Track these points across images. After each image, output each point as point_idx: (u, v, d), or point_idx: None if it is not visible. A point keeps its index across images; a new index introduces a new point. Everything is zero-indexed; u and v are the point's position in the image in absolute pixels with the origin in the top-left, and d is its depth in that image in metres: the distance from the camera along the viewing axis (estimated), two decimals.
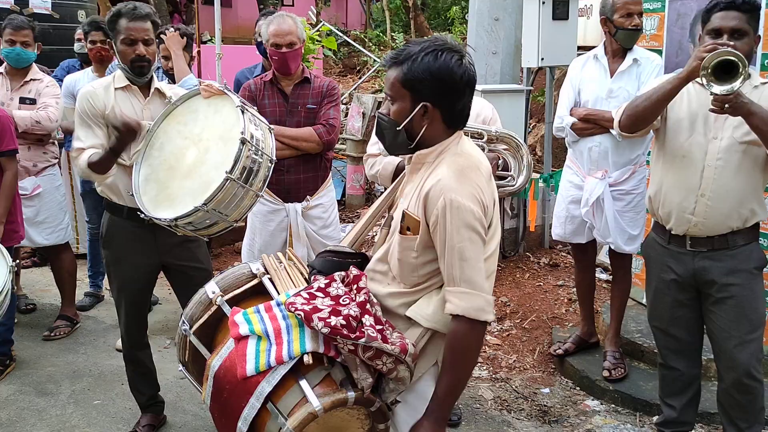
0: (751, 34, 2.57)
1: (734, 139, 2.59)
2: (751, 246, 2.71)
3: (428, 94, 1.85)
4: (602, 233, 3.62)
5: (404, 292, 1.94)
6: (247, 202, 2.70)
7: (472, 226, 1.81)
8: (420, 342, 1.90)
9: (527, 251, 5.40)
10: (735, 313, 2.69)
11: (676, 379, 2.96)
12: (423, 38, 1.94)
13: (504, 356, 4.17)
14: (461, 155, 1.90)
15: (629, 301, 4.24)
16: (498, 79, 5.31)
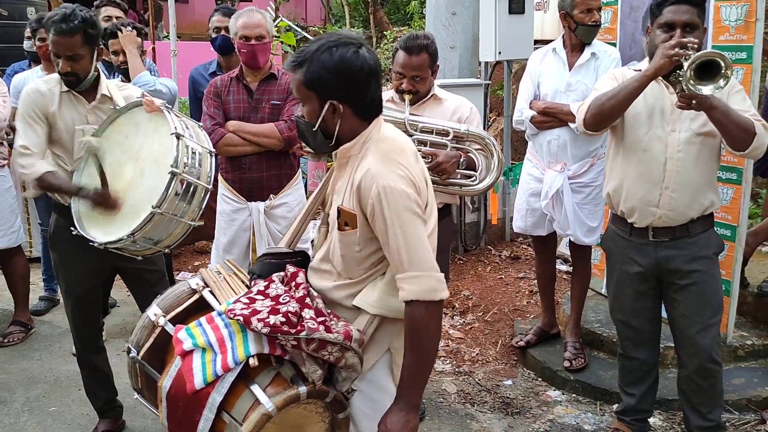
0: (701, 27, 2.61)
1: (692, 131, 2.64)
2: (709, 233, 2.78)
3: (332, 92, 1.83)
4: (562, 225, 3.65)
5: (348, 284, 1.95)
6: (179, 229, 2.72)
7: (410, 208, 1.81)
8: (368, 329, 1.91)
9: (488, 244, 5.44)
10: (699, 299, 2.75)
11: (636, 369, 3.01)
12: (321, 36, 1.92)
13: (467, 350, 4.18)
14: (384, 141, 1.90)
15: (589, 291, 4.30)
16: (456, 73, 5.32)
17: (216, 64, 4.25)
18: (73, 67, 2.78)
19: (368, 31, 13.91)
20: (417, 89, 3.02)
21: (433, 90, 3.13)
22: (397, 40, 12.11)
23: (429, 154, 2.87)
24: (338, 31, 1.95)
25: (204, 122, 3.34)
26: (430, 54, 3.00)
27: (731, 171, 3.47)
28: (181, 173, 2.61)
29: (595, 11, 3.47)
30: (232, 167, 3.43)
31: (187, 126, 2.83)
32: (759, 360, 3.68)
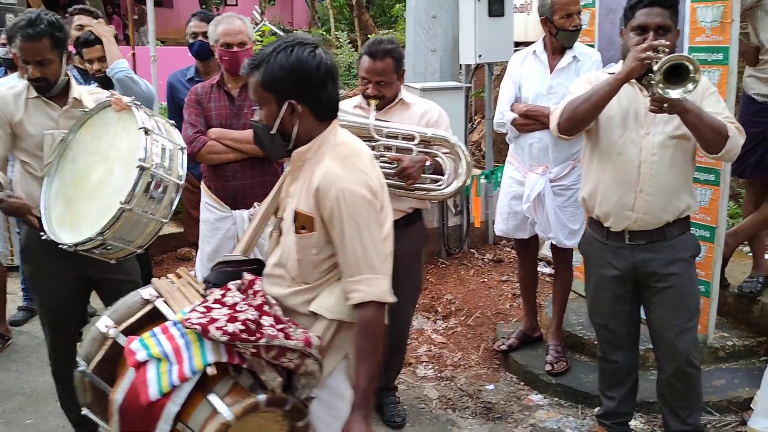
0: (673, 29, 2.60)
1: (666, 134, 2.62)
2: (686, 236, 2.77)
3: (290, 92, 1.86)
4: (544, 228, 3.64)
5: (305, 290, 1.96)
6: (151, 228, 2.67)
7: (366, 213, 1.86)
8: (326, 334, 1.92)
9: (471, 248, 5.42)
10: (676, 302, 2.73)
11: (615, 372, 3.00)
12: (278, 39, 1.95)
13: (449, 354, 4.16)
14: (341, 145, 1.93)
15: (571, 294, 4.28)
16: (438, 76, 5.31)
17: (194, 69, 4.21)
18: (42, 72, 2.74)
19: (353, 34, 13.91)
20: (383, 94, 2.99)
21: (401, 95, 3.11)
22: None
23: (394, 159, 2.85)
24: (294, 34, 2.00)
25: (185, 130, 3.30)
26: (394, 58, 2.97)
27: (709, 172, 3.47)
28: (150, 169, 2.57)
29: (575, 16, 3.46)
30: (215, 175, 3.39)
31: (157, 123, 2.79)
32: (740, 360, 3.68)
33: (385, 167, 2.79)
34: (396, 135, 2.91)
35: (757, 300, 3.78)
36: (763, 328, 3.71)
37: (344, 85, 10.38)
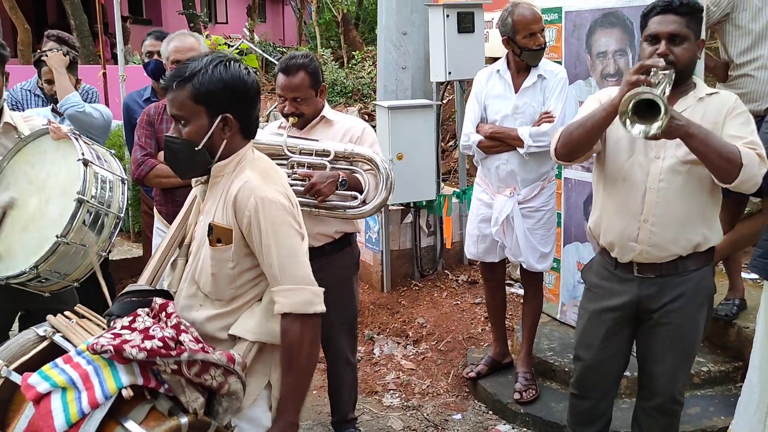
0: (692, 39, 2.36)
1: (677, 158, 2.36)
2: (702, 272, 2.48)
3: (226, 105, 1.84)
4: (514, 252, 3.51)
5: (222, 314, 1.88)
6: (88, 261, 2.58)
7: (287, 222, 1.84)
8: (247, 356, 1.83)
9: (446, 269, 5.28)
10: (671, 341, 2.52)
11: (587, 411, 2.77)
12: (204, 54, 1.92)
13: (418, 381, 4.02)
14: (259, 160, 1.94)
15: (543, 317, 4.15)
16: (409, 94, 5.21)
17: (150, 89, 4.11)
18: None
19: (339, 51, 13.86)
20: (301, 111, 2.85)
21: (323, 112, 2.96)
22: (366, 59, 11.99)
23: (304, 176, 2.71)
24: (219, 51, 1.95)
25: (134, 153, 3.22)
26: (309, 73, 2.83)
27: None
28: (89, 201, 2.50)
29: (538, 34, 3.32)
30: (166, 199, 3.28)
31: (97, 153, 2.71)
32: (716, 387, 3.54)
33: (295, 185, 2.68)
34: (310, 151, 2.76)
35: (732, 323, 3.65)
36: (739, 352, 3.57)
37: (328, 102, 10.31)
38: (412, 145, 4.63)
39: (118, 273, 5.19)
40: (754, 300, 3.63)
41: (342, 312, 3.01)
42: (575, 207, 3.95)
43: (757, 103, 3.34)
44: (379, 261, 5.05)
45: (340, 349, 3.11)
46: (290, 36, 24.04)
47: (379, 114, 4.75)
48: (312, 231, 2.83)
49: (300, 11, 18.33)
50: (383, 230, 4.97)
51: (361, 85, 10.44)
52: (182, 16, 16.89)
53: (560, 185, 4.00)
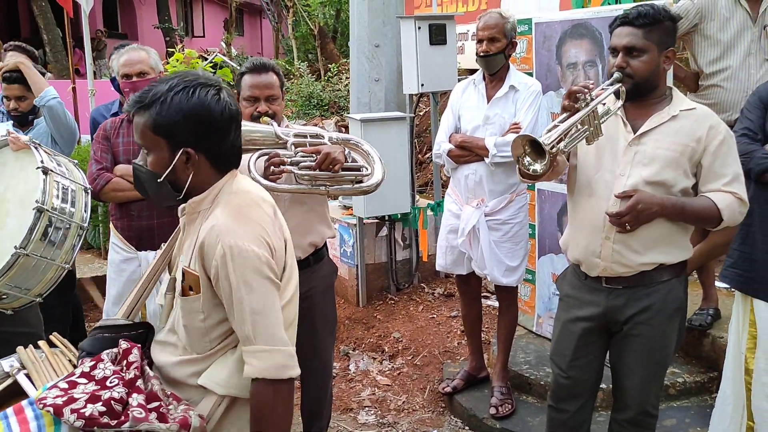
0: (653, 51, 2.31)
1: (641, 178, 2.33)
2: (671, 284, 2.44)
3: (186, 138, 1.64)
4: (479, 264, 3.47)
5: (194, 360, 1.72)
6: (51, 275, 2.50)
7: (260, 272, 1.62)
8: (215, 413, 1.68)
9: (422, 282, 5.24)
10: (642, 353, 2.48)
11: (565, 423, 2.72)
12: (171, 75, 1.73)
13: (393, 397, 3.96)
14: (237, 194, 1.71)
15: (519, 329, 4.12)
16: (383, 106, 5.17)
17: (118, 103, 4.03)
18: None
19: (317, 63, 13.84)
20: (274, 111, 2.73)
21: (285, 120, 2.90)
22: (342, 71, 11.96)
23: (313, 152, 2.61)
24: (194, 71, 1.74)
25: (90, 167, 3.15)
26: (276, 74, 2.78)
27: None
28: (49, 210, 2.41)
29: (485, 42, 3.31)
30: (121, 214, 3.20)
31: (58, 162, 2.64)
32: (691, 398, 3.52)
33: (304, 161, 2.58)
34: (304, 135, 2.68)
35: (707, 333, 3.64)
36: (715, 362, 3.56)
37: (304, 115, 10.26)
38: (386, 158, 4.46)
39: (86, 292, 5.09)
40: (728, 309, 3.61)
41: (328, 321, 2.97)
42: (549, 218, 3.93)
43: (728, 113, 3.35)
44: (354, 275, 5.00)
45: (326, 361, 3.03)
46: (268, 49, 24.02)
47: (352, 127, 4.72)
48: (303, 242, 2.79)
49: (277, 24, 18.32)
50: (358, 244, 4.92)
51: (337, 97, 10.42)
52: (158, 30, 16.83)
53: (534, 197, 3.98)
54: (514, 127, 3.28)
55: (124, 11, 18.86)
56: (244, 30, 24.52)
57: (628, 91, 2.35)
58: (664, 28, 2.35)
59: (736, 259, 2.77)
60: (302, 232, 2.77)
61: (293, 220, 2.76)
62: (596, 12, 3.53)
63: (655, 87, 2.40)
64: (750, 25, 3.32)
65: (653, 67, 2.35)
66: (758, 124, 2.67)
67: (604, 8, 3.96)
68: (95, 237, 5.72)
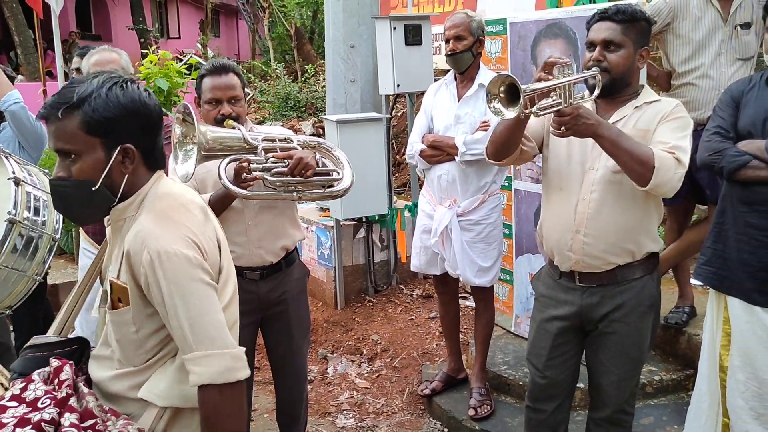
0: (629, 47, 2.35)
1: (608, 169, 2.35)
2: (643, 281, 2.47)
3: (126, 134, 1.58)
4: (452, 264, 3.46)
5: (132, 372, 1.65)
6: (22, 287, 2.44)
7: (193, 276, 1.55)
8: (157, 426, 1.62)
9: (400, 283, 5.22)
10: (617, 351, 2.50)
11: (543, 422, 2.72)
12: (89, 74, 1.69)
13: (372, 400, 3.93)
14: (163, 197, 1.64)
15: (497, 329, 4.13)
16: (359, 107, 5.15)
17: None
18: None
19: (294, 64, 13.77)
20: (237, 113, 2.69)
21: (249, 123, 2.85)
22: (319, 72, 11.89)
23: (284, 157, 2.57)
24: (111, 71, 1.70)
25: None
26: (238, 75, 2.73)
27: None
28: (21, 222, 2.36)
29: (452, 40, 3.34)
30: None
31: (29, 172, 2.58)
32: (668, 396, 3.53)
33: (276, 167, 2.55)
34: (273, 138, 2.63)
35: (683, 331, 3.66)
36: (691, 360, 3.57)
37: (281, 116, 10.21)
38: (363, 159, 4.56)
39: (59, 297, 5.01)
40: (703, 307, 3.62)
41: (302, 324, 2.95)
42: (526, 219, 3.93)
43: (700, 111, 3.37)
44: (332, 277, 4.96)
45: (301, 364, 3.00)
46: (245, 50, 23.86)
47: (328, 128, 4.69)
48: (275, 246, 2.77)
49: (254, 25, 18.21)
50: (335, 246, 4.89)
51: (314, 98, 10.37)
52: (132, 32, 16.65)
53: (510, 197, 3.98)
54: (483, 125, 3.29)
55: (98, 12, 18.63)
56: (221, 31, 24.33)
57: (603, 86, 2.35)
58: (640, 27, 2.40)
59: (710, 257, 2.78)
60: (274, 237, 2.75)
61: (264, 224, 2.74)
62: (570, 12, 3.53)
63: (628, 84, 2.43)
64: (721, 25, 3.34)
65: (629, 63, 2.38)
66: (730, 122, 2.68)
67: (578, 8, 3.97)
68: (67, 242, 5.63)
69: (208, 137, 2.39)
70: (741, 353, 2.69)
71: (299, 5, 15.53)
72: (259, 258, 2.75)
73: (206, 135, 2.38)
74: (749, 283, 2.63)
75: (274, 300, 2.82)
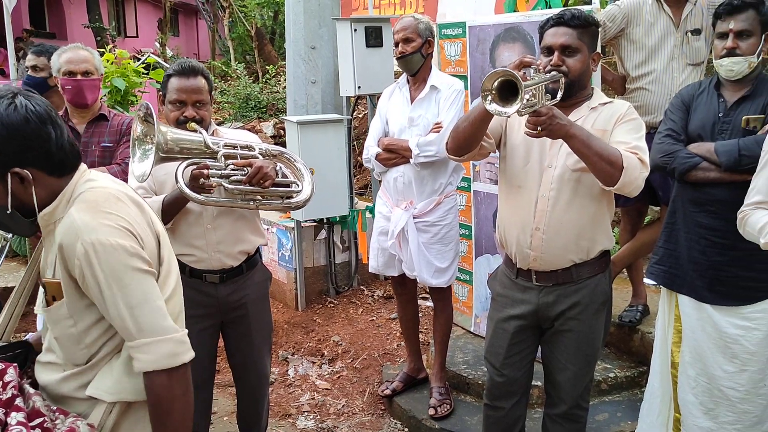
0: (585, 51, 2.42)
1: (567, 167, 2.41)
2: (597, 279, 2.54)
3: (8, 161, 1.52)
4: (408, 266, 3.50)
5: (78, 373, 1.64)
6: None
7: (130, 265, 1.55)
8: (106, 421, 1.62)
9: (361, 285, 5.23)
10: (573, 348, 2.56)
11: (501, 420, 2.77)
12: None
13: (333, 401, 3.93)
14: (92, 190, 1.61)
15: (457, 329, 4.17)
16: (320, 108, 5.15)
17: None
18: None
19: (254, 65, 13.67)
20: (201, 116, 2.66)
21: (213, 125, 2.82)
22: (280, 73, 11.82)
23: (244, 165, 2.56)
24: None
25: None
26: (205, 78, 2.71)
27: None
28: None
29: (401, 43, 3.39)
30: None
31: None
32: (623, 392, 3.62)
33: (235, 174, 2.53)
34: (234, 146, 2.62)
35: (637, 329, 3.75)
36: (644, 357, 3.67)
37: (242, 117, 10.13)
38: (324, 161, 4.57)
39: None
40: (656, 306, 3.71)
41: (264, 328, 2.93)
42: (485, 219, 3.98)
43: (653, 115, 3.46)
44: (292, 279, 4.95)
45: (262, 368, 2.97)
46: (204, 50, 23.59)
47: (288, 129, 4.68)
48: (233, 250, 2.75)
49: (213, 25, 18.02)
50: (296, 247, 4.88)
51: (275, 99, 10.32)
52: (88, 30, 16.32)
53: (470, 198, 4.03)
54: (436, 127, 3.33)
55: (52, 10, 18.19)
56: (180, 30, 24.02)
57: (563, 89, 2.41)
58: (593, 32, 2.48)
59: (661, 256, 2.86)
60: (232, 241, 2.73)
61: (222, 229, 2.72)
62: (527, 16, 3.59)
63: (583, 87, 2.50)
64: (673, 31, 3.44)
65: (585, 67, 2.45)
66: (681, 125, 2.77)
67: (535, 12, 4.04)
68: (20, 245, 5.50)
69: (168, 138, 2.36)
70: (691, 350, 2.78)
71: (260, 5, 15.42)
72: (218, 261, 2.73)
73: (166, 135, 2.36)
74: (699, 282, 2.72)
75: (234, 304, 2.80)
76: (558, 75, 2.38)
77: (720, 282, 2.67)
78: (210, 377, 2.91)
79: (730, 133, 2.65)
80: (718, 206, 2.64)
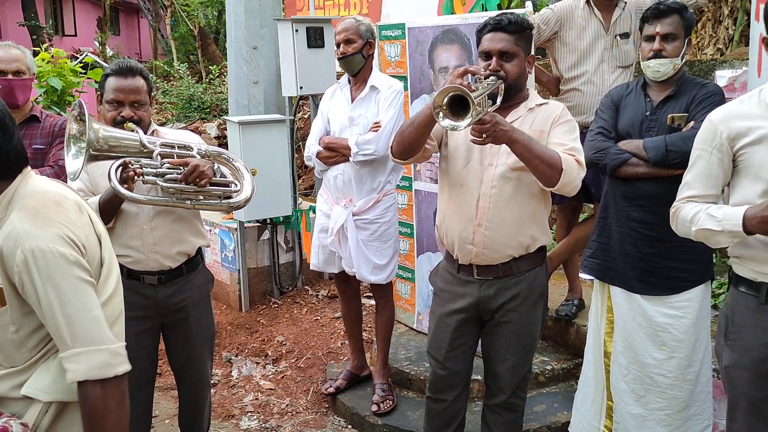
0: (521, 55, 2.51)
1: (507, 166, 2.50)
2: (535, 272, 2.65)
3: None
4: (348, 262, 3.54)
5: (14, 372, 1.62)
6: None
7: (69, 273, 1.53)
8: (42, 420, 1.60)
9: (306, 285, 5.24)
10: (513, 339, 2.65)
11: (443, 412, 2.83)
12: None
13: (277, 401, 3.93)
14: (33, 195, 1.59)
15: (400, 326, 4.22)
16: (262, 109, 5.13)
17: None
18: None
19: (197, 65, 13.49)
20: (139, 117, 2.63)
21: (153, 126, 2.79)
22: (224, 73, 11.74)
23: (180, 164, 2.54)
24: None
25: None
26: (145, 78, 2.68)
27: None
28: None
29: (342, 44, 3.45)
30: None
31: None
32: (559, 384, 3.73)
33: (171, 173, 2.52)
34: (172, 146, 2.60)
35: (572, 323, 3.87)
36: (579, 349, 3.77)
37: (185, 118, 9.99)
38: (266, 161, 4.56)
39: None
40: (591, 299, 3.88)
41: (205, 331, 2.90)
42: (426, 218, 4.04)
43: (585, 115, 3.58)
44: (236, 280, 4.92)
45: (203, 371, 2.95)
46: (146, 49, 23.14)
47: (230, 130, 4.65)
48: (171, 251, 2.72)
49: (155, 24, 17.69)
50: (239, 248, 4.85)
51: (219, 100, 10.21)
52: (24, 28, 15.82)
53: (411, 197, 4.09)
54: (374, 126, 3.38)
55: None
56: (121, 29, 23.50)
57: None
58: (528, 36, 2.57)
59: (595, 249, 2.97)
60: (170, 242, 2.70)
61: (160, 229, 2.69)
62: (464, 18, 3.67)
63: (521, 89, 2.59)
64: (603, 34, 3.57)
65: (522, 70, 2.54)
66: (611, 123, 2.89)
67: (471, 15, 4.13)
68: None
69: (100, 136, 2.33)
70: (623, 339, 2.90)
71: (203, 5, 15.23)
72: (155, 263, 2.69)
73: (98, 133, 2.33)
74: (630, 273, 2.84)
75: (173, 306, 2.77)
76: (498, 81, 2.45)
77: (650, 273, 2.79)
78: (150, 380, 2.88)
79: (656, 130, 2.78)
80: (647, 200, 2.77)
